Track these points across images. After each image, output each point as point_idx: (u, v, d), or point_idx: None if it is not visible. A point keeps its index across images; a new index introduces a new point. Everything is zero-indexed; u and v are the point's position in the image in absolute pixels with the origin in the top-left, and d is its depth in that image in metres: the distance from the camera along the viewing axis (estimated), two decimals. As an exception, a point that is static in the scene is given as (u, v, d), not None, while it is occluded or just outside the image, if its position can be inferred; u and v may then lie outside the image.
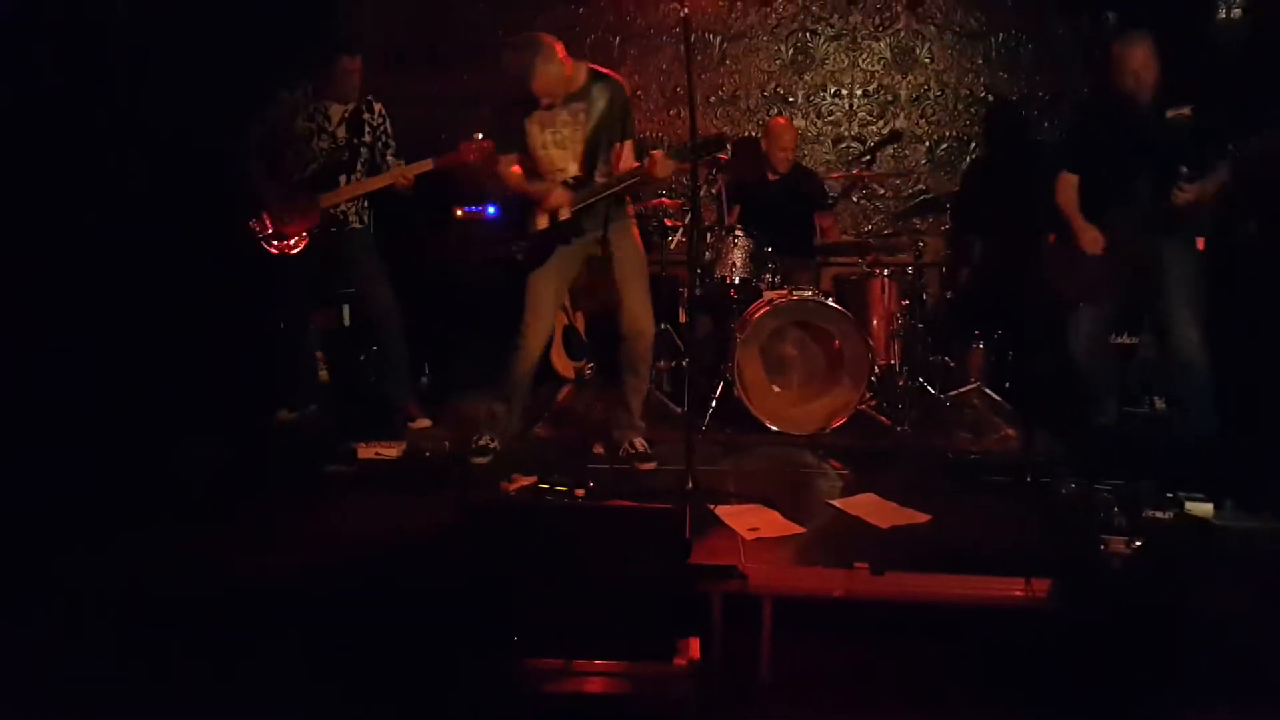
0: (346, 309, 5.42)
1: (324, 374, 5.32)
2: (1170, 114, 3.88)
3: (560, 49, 3.73)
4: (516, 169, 3.97)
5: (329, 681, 2.66)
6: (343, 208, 4.44)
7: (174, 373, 4.46)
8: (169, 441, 4.05)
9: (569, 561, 2.62)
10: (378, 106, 4.45)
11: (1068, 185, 4.21)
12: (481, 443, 4.10)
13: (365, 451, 3.96)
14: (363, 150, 4.42)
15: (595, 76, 3.86)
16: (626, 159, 3.93)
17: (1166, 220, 3.89)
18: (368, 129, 4.41)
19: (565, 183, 3.90)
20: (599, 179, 3.89)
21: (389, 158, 4.45)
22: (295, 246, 4.38)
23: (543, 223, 3.94)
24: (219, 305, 4.75)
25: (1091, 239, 4.08)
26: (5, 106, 3.80)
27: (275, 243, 4.37)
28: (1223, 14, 5.32)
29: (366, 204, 4.54)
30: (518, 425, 4.29)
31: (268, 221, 4.37)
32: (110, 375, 4.16)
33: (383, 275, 4.55)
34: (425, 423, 4.63)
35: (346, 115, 4.38)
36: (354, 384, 5.30)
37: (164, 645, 2.72)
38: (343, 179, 4.40)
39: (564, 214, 3.90)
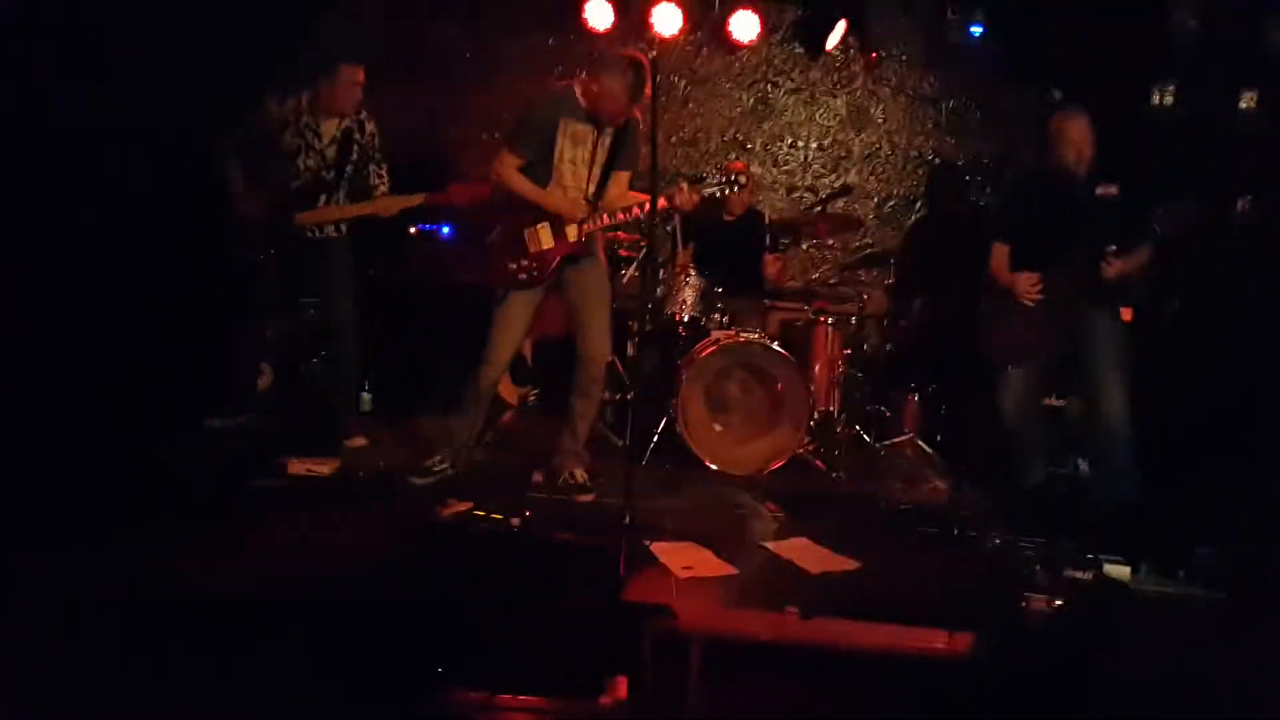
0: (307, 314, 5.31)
1: (265, 381, 5.22)
2: (1100, 191, 4.04)
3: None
4: (519, 173, 3.86)
5: (238, 707, 2.57)
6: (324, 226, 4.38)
7: (111, 375, 4.34)
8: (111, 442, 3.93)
9: (500, 592, 2.61)
10: (369, 125, 4.36)
11: (1000, 255, 4.31)
12: (433, 463, 4.03)
13: (296, 467, 3.87)
14: (348, 170, 4.34)
15: None
16: (623, 187, 3.98)
17: (1094, 290, 4.02)
18: (356, 149, 4.32)
19: (587, 199, 3.89)
20: (608, 203, 3.91)
21: (371, 177, 4.37)
22: (263, 255, 4.30)
23: (547, 241, 3.90)
24: (179, 307, 4.65)
25: (1026, 286, 4.12)
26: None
27: (243, 250, 4.30)
28: (1156, 99, 5.59)
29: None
30: (467, 446, 4.22)
31: (240, 231, 4.29)
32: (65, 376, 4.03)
33: (351, 287, 4.47)
34: (361, 441, 4.57)
35: (338, 135, 4.29)
36: (293, 393, 5.21)
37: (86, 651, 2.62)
38: (322, 199, 4.33)
39: (573, 234, 3.88)
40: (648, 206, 3.75)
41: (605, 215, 3.88)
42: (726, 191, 3.91)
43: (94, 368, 4.05)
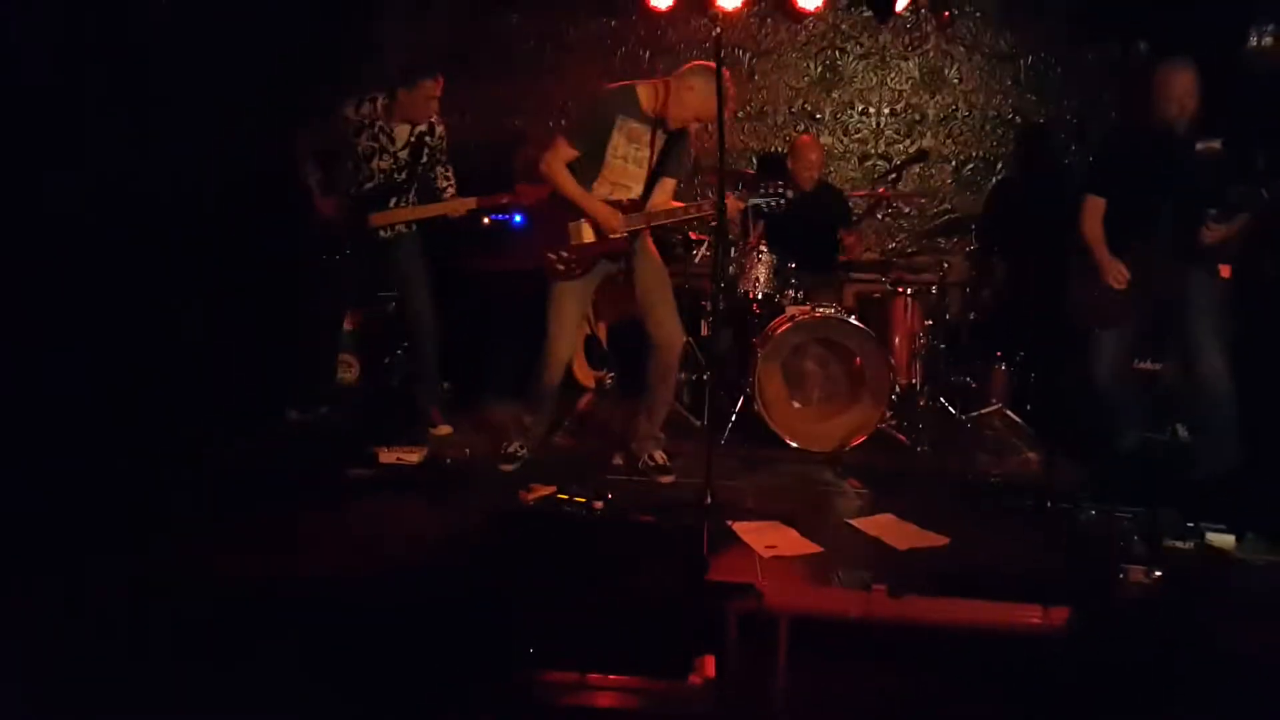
0: (388, 308, 5.45)
1: (352, 374, 5.37)
2: (1200, 146, 3.84)
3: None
4: (566, 170, 3.86)
5: (340, 687, 2.66)
6: (393, 229, 4.48)
7: (196, 368, 4.52)
8: (191, 438, 4.10)
9: (587, 574, 2.65)
10: (440, 128, 4.45)
11: (1094, 209, 4.15)
12: (510, 449, 4.14)
13: (386, 456, 3.99)
14: (419, 172, 4.45)
15: None
16: (669, 193, 3.99)
17: (1191, 251, 3.85)
18: (426, 151, 4.42)
19: (620, 203, 3.90)
20: (653, 205, 3.92)
21: (439, 177, 4.48)
22: (339, 254, 4.43)
23: (589, 235, 3.93)
24: (253, 300, 4.83)
25: (1115, 274, 4.02)
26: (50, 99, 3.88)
27: (320, 250, 4.43)
28: (1254, 41, 5.29)
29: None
30: (541, 433, 4.31)
31: (316, 231, 4.43)
32: (124, 370, 4.22)
33: (424, 280, 4.58)
34: (447, 429, 4.67)
35: (411, 139, 4.39)
36: (378, 385, 5.35)
37: (176, 645, 2.74)
38: (393, 201, 4.45)
39: (618, 233, 3.90)
40: (691, 212, 3.89)
41: (648, 216, 3.89)
42: (765, 206, 3.89)
43: (178, 364, 4.23)
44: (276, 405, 4.71)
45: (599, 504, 3.45)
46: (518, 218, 5.57)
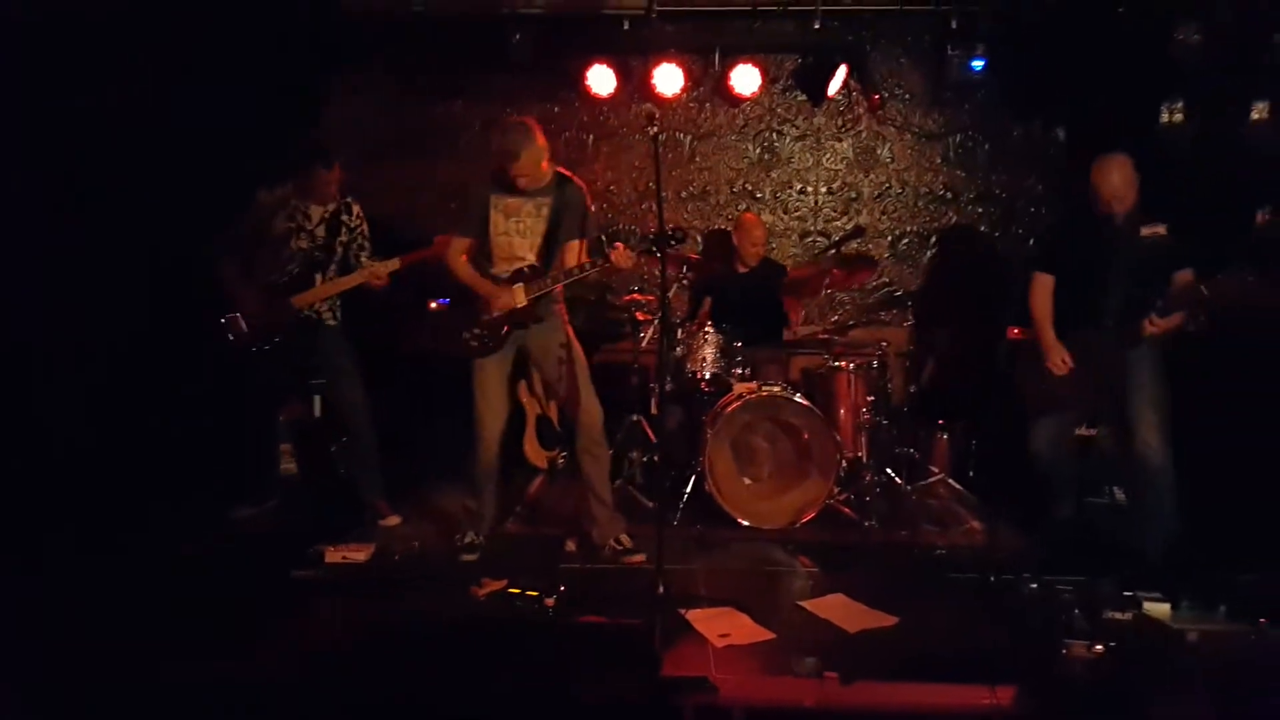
0: (318, 400, 5.43)
1: (292, 466, 5.31)
2: (1146, 232, 3.94)
3: (541, 137, 3.93)
4: (464, 259, 4.06)
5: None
6: (317, 306, 4.49)
7: (135, 468, 4.46)
8: (131, 538, 4.03)
9: (539, 679, 2.65)
10: (356, 208, 4.55)
11: (1042, 287, 4.22)
12: (466, 540, 4.15)
13: (333, 555, 3.93)
14: (338, 249, 4.50)
15: (560, 176, 4.07)
16: (576, 255, 4.08)
17: (1135, 337, 3.93)
18: (344, 229, 4.50)
19: (520, 271, 4.00)
20: (556, 269, 4.02)
21: (363, 259, 4.52)
22: (267, 344, 4.41)
23: (496, 309, 4.04)
24: (184, 402, 4.79)
25: (1058, 360, 4.09)
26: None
27: (248, 342, 4.41)
28: (1165, 117, 5.59)
29: (339, 300, 4.60)
30: (493, 517, 4.32)
31: (241, 322, 4.40)
32: (66, 470, 4.17)
33: (354, 371, 4.60)
34: (395, 520, 4.64)
35: (326, 216, 4.47)
36: (323, 477, 5.29)
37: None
38: (318, 278, 4.47)
39: (520, 300, 4.00)
40: (586, 269, 3.95)
41: (547, 280, 4.00)
42: (658, 251, 3.81)
43: (111, 468, 4.17)
44: (223, 503, 4.64)
45: (550, 601, 3.43)
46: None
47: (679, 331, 5.00)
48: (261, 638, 3.27)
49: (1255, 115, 5.10)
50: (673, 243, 3.85)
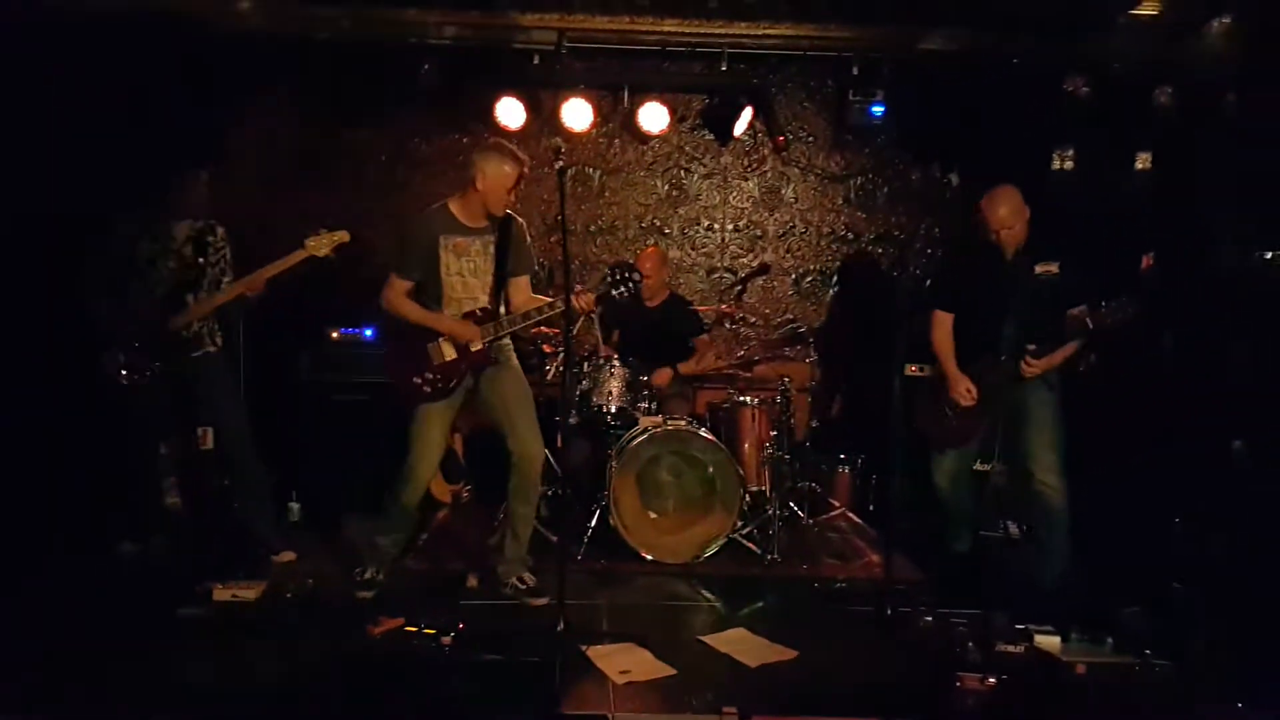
0: (209, 432, 5.22)
1: (176, 500, 5.08)
2: (1039, 269, 4.05)
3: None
4: (408, 300, 3.91)
5: None
6: (196, 329, 4.29)
7: (16, 505, 4.21)
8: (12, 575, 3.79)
9: (436, 719, 2.57)
10: (220, 230, 4.37)
11: (942, 324, 4.33)
12: (366, 575, 4.01)
13: (221, 593, 3.76)
14: (207, 270, 4.31)
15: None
16: (525, 291, 4.02)
17: (1014, 375, 4.05)
18: (210, 249, 4.32)
19: (472, 314, 3.90)
20: (511, 311, 3.94)
21: (223, 282, 4.33)
22: (148, 371, 4.22)
23: (450, 353, 3.91)
24: (62, 436, 4.55)
25: (963, 390, 4.19)
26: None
27: (127, 374, 4.19)
28: (1057, 164, 5.88)
29: (218, 326, 4.41)
30: (396, 554, 4.20)
31: (120, 355, 4.19)
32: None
33: (237, 399, 4.43)
34: (289, 556, 4.46)
35: (192, 234, 4.28)
36: (212, 511, 5.08)
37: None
38: (190, 298, 4.28)
39: (476, 345, 3.89)
40: (546, 310, 3.88)
41: (504, 322, 3.91)
42: (615, 292, 3.85)
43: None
44: (107, 538, 4.40)
45: (448, 638, 3.34)
46: (368, 332, 5.53)
47: (585, 364, 4.98)
48: (145, 679, 3.11)
49: (1139, 165, 5.41)
50: (629, 283, 3.81)
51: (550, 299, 3.93)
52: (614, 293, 3.80)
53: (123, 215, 4.25)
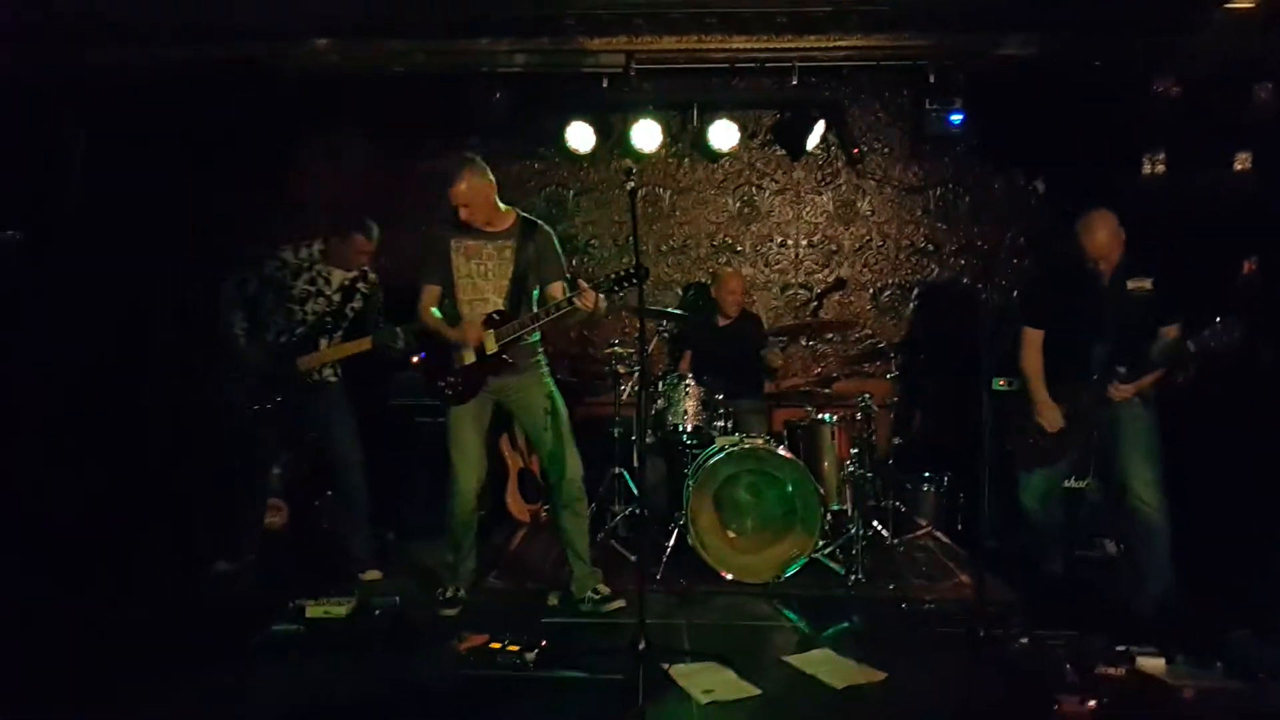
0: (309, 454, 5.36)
1: (279, 520, 5.23)
2: (1132, 286, 3.93)
3: (488, 173, 3.97)
4: (431, 310, 4.03)
5: None
6: (318, 373, 4.47)
7: (119, 524, 4.38)
8: (116, 595, 3.94)
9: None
10: (373, 276, 4.56)
11: (1032, 342, 4.21)
12: (447, 594, 4.08)
13: (313, 610, 3.84)
14: (348, 315, 4.50)
15: (525, 221, 4.06)
16: (556, 297, 4.03)
17: (1102, 398, 3.92)
18: (359, 295, 4.51)
19: (489, 318, 3.96)
20: (525, 313, 3.98)
21: (381, 324, 4.50)
22: (268, 404, 4.37)
23: (469, 357, 3.99)
24: (175, 459, 4.73)
25: (1050, 418, 4.08)
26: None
27: (247, 403, 4.36)
28: (1147, 169, 5.66)
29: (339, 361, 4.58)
30: (472, 570, 4.24)
31: (244, 384, 4.36)
32: (51, 527, 4.10)
33: (351, 426, 4.56)
34: (376, 575, 4.55)
35: (346, 283, 4.48)
36: (306, 530, 5.21)
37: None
38: (323, 342, 4.45)
39: (490, 346, 3.95)
40: (554, 311, 3.88)
41: (514, 325, 3.94)
42: (617, 289, 3.81)
43: (103, 522, 4.10)
44: (205, 557, 4.54)
45: (532, 655, 3.34)
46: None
47: (659, 385, 4.96)
48: (243, 692, 3.20)
49: (1237, 166, 5.17)
50: (632, 281, 3.74)
51: (559, 299, 3.93)
52: (615, 290, 3.82)
53: (289, 246, 4.42)
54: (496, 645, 3.48)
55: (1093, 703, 3.03)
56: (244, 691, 3.22)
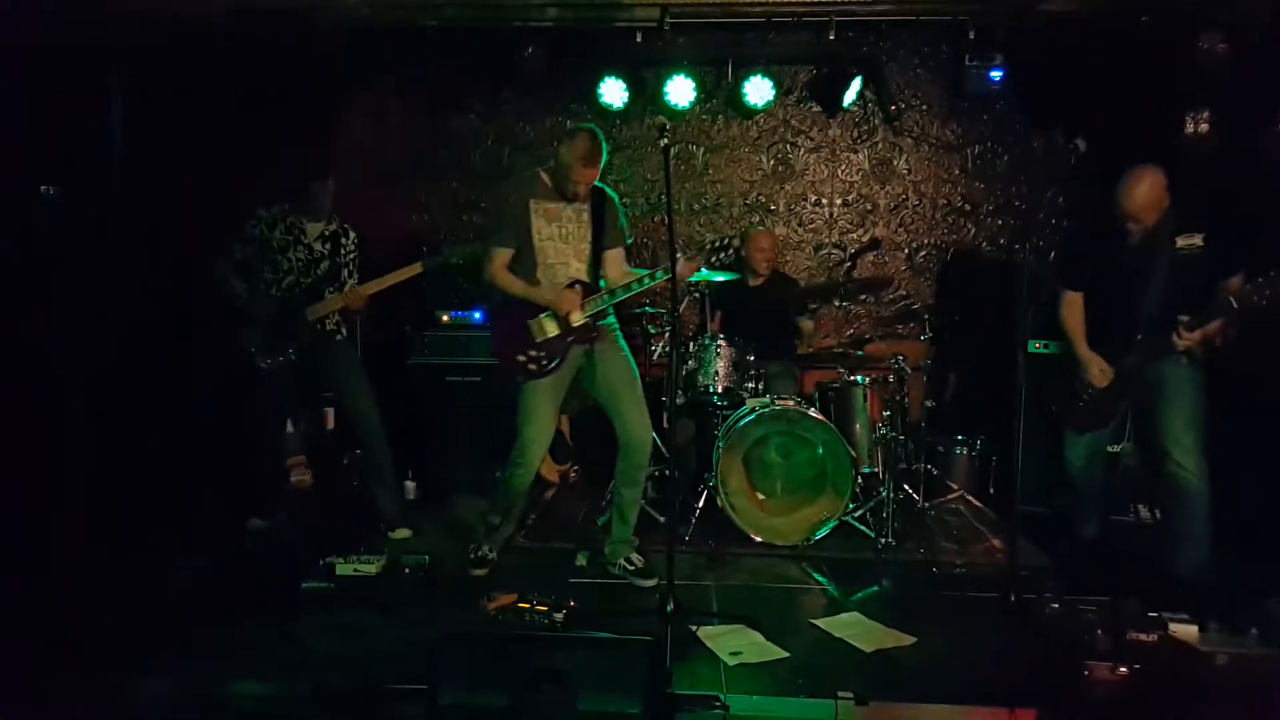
0: (331, 412, 5.43)
1: (308, 478, 5.30)
2: (1181, 243, 3.81)
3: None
4: (507, 272, 3.90)
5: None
6: (328, 322, 4.49)
7: (149, 484, 4.46)
8: (152, 554, 4.02)
9: (549, 693, 2.59)
10: (353, 234, 4.56)
11: (1073, 304, 4.13)
12: (480, 553, 4.09)
13: (344, 568, 3.90)
14: (341, 268, 4.50)
15: (596, 187, 3.95)
16: (619, 265, 4.00)
17: (1167, 349, 3.82)
18: (343, 250, 4.51)
19: (573, 286, 3.88)
20: (610, 283, 3.92)
21: (349, 284, 4.51)
22: (283, 356, 4.40)
23: (552, 329, 3.90)
24: (195, 415, 4.79)
25: (1097, 370, 4.00)
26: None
27: (261, 355, 4.39)
28: (1190, 128, 5.49)
29: (342, 317, 4.58)
30: (509, 534, 4.27)
31: (257, 336, 4.40)
32: (85, 487, 4.18)
33: (364, 383, 4.56)
34: (405, 533, 4.60)
35: (326, 234, 4.49)
36: (336, 488, 5.27)
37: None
38: (329, 291, 4.47)
39: (576, 318, 3.87)
40: (647, 281, 3.82)
41: (604, 295, 3.87)
42: (716, 259, 3.83)
43: (138, 484, 4.18)
44: (238, 515, 4.62)
45: (560, 615, 3.38)
46: (477, 315, 5.62)
47: (690, 346, 4.94)
48: (273, 648, 3.26)
49: (1281, 125, 5.00)
50: (728, 252, 3.75)
51: (651, 270, 3.86)
52: (713, 259, 3.77)
53: (263, 206, 4.45)
54: (525, 605, 3.50)
55: (1124, 669, 2.99)
56: (276, 647, 3.28)
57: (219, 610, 3.54)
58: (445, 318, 5.63)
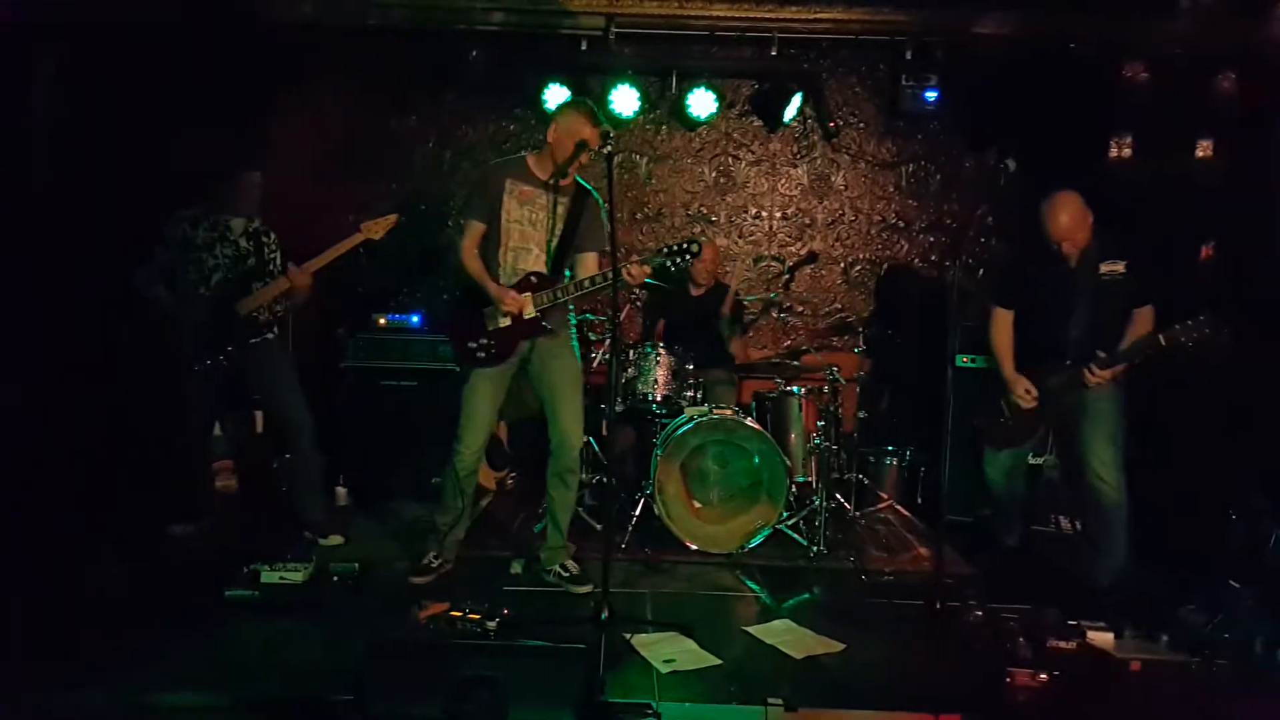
0: (259, 416, 5.31)
1: (233, 482, 5.17)
2: (1105, 269, 3.92)
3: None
4: (475, 252, 3.88)
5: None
6: (259, 316, 4.37)
7: (67, 488, 4.31)
8: (68, 560, 3.88)
9: (480, 704, 2.57)
10: (273, 235, 4.47)
11: (1002, 321, 4.20)
12: (426, 560, 4.01)
13: (269, 575, 3.79)
14: (266, 264, 4.40)
15: (580, 184, 3.96)
16: (592, 268, 3.96)
17: (1077, 383, 3.94)
18: (266, 248, 4.42)
19: (527, 279, 3.86)
20: (568, 280, 3.90)
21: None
22: (220, 355, 4.29)
23: (504, 319, 3.89)
24: (118, 416, 4.65)
25: (1022, 390, 4.08)
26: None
27: (200, 357, 4.27)
28: (1114, 152, 5.71)
29: (275, 315, 4.47)
30: (459, 541, 4.15)
31: (193, 338, 4.27)
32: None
33: (293, 385, 4.47)
34: (337, 539, 4.52)
35: (249, 230, 4.38)
36: (264, 493, 5.16)
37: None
38: (256, 286, 4.36)
39: (529, 311, 3.87)
40: (599, 281, 3.80)
41: (558, 291, 3.85)
42: (671, 263, 3.81)
43: (57, 489, 4.03)
44: (161, 520, 4.48)
45: (493, 624, 3.35)
46: (415, 318, 5.56)
47: (631, 352, 4.96)
48: (192, 658, 3.16)
49: (1200, 153, 5.23)
50: (685, 256, 3.76)
51: (602, 273, 3.83)
52: (669, 264, 3.78)
53: (183, 207, 4.33)
54: (457, 613, 3.45)
55: (1044, 675, 3.09)
56: (196, 657, 3.19)
57: (139, 619, 3.42)
58: (382, 320, 5.55)
